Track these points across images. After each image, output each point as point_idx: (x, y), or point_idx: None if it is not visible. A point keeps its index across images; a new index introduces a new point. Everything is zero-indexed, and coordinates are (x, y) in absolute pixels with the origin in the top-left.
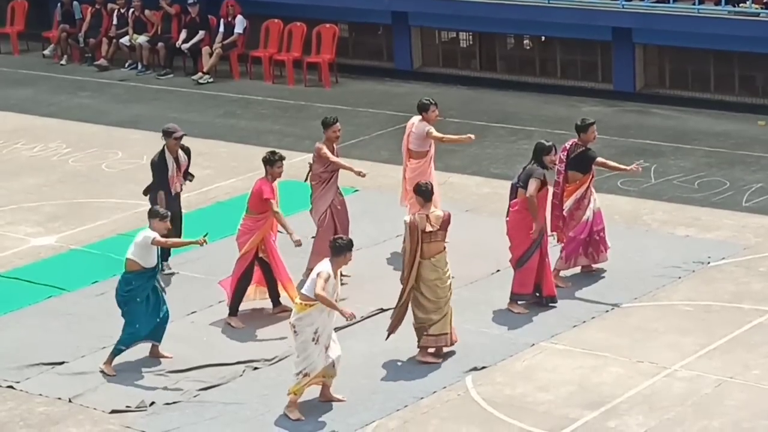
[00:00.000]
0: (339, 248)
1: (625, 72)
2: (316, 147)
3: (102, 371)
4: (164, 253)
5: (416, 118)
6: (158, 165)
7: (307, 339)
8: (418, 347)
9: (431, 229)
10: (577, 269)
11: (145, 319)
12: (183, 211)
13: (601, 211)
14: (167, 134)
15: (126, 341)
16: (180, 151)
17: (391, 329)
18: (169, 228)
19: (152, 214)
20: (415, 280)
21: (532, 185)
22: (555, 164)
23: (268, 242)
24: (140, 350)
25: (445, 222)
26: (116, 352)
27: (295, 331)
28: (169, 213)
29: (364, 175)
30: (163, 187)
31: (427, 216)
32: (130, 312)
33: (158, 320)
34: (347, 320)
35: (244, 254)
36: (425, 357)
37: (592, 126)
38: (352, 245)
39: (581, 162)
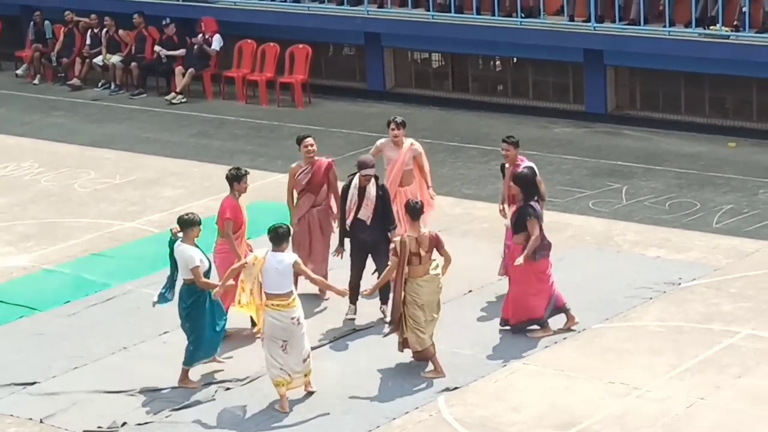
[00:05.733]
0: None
1: (596, 93)
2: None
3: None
4: None
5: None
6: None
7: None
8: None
9: (419, 252)
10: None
11: (208, 335)
12: (157, 231)
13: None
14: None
15: (192, 360)
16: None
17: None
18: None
19: (188, 222)
20: (405, 303)
21: (534, 226)
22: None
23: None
24: (112, 370)
25: (432, 243)
26: (189, 364)
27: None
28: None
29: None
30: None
31: (417, 239)
32: (194, 327)
33: (216, 332)
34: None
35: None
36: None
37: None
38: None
39: None
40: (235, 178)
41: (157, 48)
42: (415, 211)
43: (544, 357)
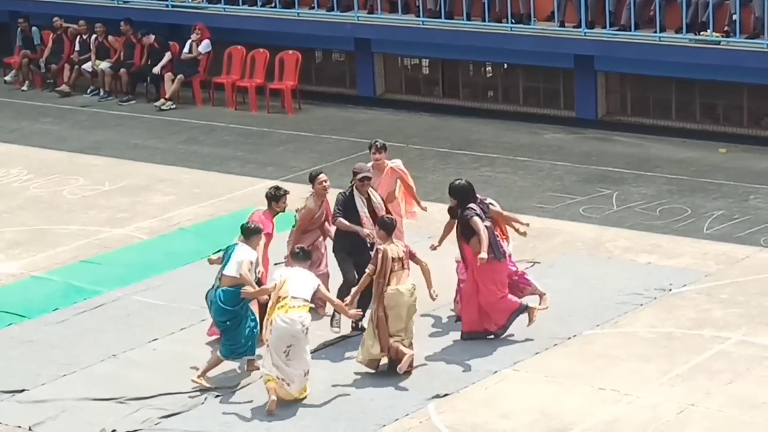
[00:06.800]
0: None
1: (587, 99)
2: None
3: (196, 382)
4: None
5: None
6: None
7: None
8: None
9: (401, 256)
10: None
11: (245, 333)
12: (146, 238)
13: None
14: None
15: (227, 353)
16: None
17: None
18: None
19: (255, 230)
20: (383, 309)
21: (478, 223)
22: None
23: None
24: (101, 377)
25: (406, 248)
26: (227, 357)
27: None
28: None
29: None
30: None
31: (396, 245)
32: (233, 326)
33: (254, 332)
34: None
35: None
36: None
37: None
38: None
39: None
40: (274, 198)
41: (156, 70)
42: (390, 227)
43: (534, 363)
